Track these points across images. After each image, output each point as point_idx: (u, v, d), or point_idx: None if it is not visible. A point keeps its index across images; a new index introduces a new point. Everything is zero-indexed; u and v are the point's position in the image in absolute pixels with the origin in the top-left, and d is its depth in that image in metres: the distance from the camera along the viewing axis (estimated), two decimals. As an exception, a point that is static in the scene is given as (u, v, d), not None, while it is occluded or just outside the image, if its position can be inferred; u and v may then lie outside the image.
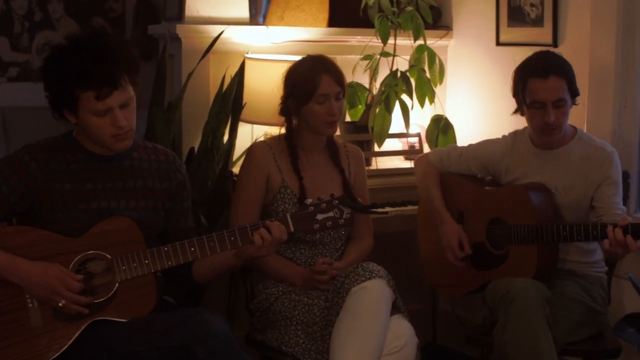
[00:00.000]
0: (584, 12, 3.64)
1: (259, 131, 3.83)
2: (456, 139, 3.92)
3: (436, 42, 4.17)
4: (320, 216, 2.63)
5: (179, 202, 2.77)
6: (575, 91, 3.12)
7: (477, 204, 3.23)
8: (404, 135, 3.99)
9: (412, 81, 3.85)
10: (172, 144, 3.58)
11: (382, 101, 3.77)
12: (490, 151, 3.32)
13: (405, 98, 3.82)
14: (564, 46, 3.70)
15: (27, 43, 5.23)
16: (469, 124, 4.18)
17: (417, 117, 4.08)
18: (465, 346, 3.54)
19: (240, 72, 3.65)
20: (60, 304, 2.48)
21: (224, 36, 3.70)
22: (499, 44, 4.05)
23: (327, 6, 4.12)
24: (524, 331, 2.85)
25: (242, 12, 3.91)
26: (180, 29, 3.73)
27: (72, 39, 2.54)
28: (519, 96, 3.15)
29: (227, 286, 3.25)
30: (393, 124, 3.83)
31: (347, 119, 3.99)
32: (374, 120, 3.78)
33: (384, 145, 3.87)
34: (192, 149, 3.67)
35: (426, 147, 3.99)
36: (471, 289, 3.25)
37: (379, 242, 3.28)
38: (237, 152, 3.70)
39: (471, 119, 4.20)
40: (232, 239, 2.60)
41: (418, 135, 4.00)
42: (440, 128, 3.93)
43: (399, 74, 3.82)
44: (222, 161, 3.58)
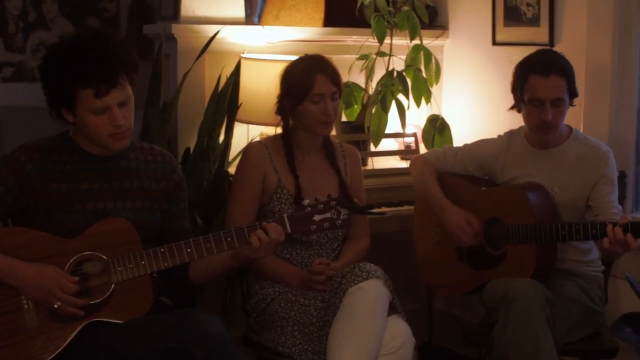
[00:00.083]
0: (580, 12, 3.64)
1: (255, 131, 3.83)
2: (452, 138, 3.92)
3: (432, 41, 4.17)
4: (317, 217, 2.62)
5: (175, 203, 2.76)
6: (574, 92, 3.13)
7: (474, 204, 3.22)
8: (400, 135, 3.98)
9: (409, 81, 3.85)
10: (168, 144, 3.57)
11: (378, 101, 3.77)
12: (486, 150, 3.32)
13: (402, 98, 3.81)
14: (560, 46, 3.70)
15: (22, 43, 5.21)
16: (465, 123, 4.18)
17: (413, 117, 4.08)
18: (461, 346, 3.53)
19: (236, 72, 3.64)
20: (56, 306, 2.47)
21: (219, 36, 3.69)
22: (495, 43, 4.05)
23: (322, 6, 4.11)
24: (524, 331, 2.84)
25: (238, 11, 3.90)
26: (176, 28, 3.72)
27: (70, 37, 2.54)
28: (517, 92, 3.15)
29: (223, 287, 3.25)
30: (389, 123, 3.83)
31: (343, 118, 3.98)
32: (370, 120, 3.78)
33: (380, 145, 3.87)
34: (187, 149, 3.66)
35: (422, 147, 3.98)
36: (469, 289, 3.24)
37: (375, 242, 3.27)
38: (233, 152, 3.69)
39: (467, 118, 4.20)
40: (229, 239, 2.59)
41: (414, 135, 4.00)
42: (436, 128, 3.92)
43: (395, 73, 3.82)
44: (218, 161, 3.57)
